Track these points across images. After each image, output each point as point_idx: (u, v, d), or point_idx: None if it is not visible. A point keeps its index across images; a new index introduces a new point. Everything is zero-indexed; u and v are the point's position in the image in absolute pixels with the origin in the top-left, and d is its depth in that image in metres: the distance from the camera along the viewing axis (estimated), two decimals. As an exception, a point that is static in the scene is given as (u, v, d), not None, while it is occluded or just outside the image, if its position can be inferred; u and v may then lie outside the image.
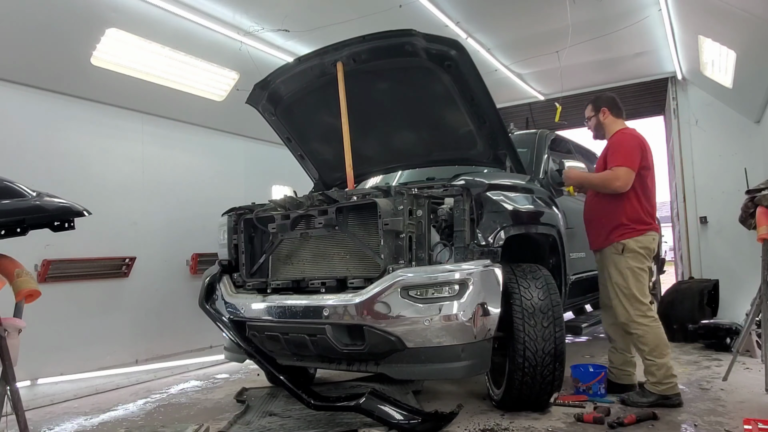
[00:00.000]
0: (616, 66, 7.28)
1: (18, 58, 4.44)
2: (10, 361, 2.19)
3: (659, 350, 3.30)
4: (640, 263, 3.40)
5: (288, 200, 3.38)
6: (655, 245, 3.48)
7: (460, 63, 3.38)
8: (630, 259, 3.39)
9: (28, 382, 4.46)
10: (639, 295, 3.36)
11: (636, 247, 3.39)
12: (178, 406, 3.91)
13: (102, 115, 5.26)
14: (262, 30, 5.40)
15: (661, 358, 3.29)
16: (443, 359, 2.78)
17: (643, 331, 3.33)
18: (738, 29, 4.85)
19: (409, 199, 2.92)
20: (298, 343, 3.12)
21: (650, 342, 3.31)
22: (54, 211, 2.37)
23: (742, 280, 5.86)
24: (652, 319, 3.35)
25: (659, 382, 3.28)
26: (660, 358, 3.29)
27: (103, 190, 5.16)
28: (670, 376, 3.28)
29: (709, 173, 7.08)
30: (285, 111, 4.23)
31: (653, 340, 3.31)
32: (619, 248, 3.41)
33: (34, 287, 2.34)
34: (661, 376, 3.27)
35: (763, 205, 3.74)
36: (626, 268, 3.39)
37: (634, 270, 3.38)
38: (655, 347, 3.30)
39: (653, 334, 3.33)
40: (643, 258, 3.41)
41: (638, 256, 3.39)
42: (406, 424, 2.91)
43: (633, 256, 3.39)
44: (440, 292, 2.76)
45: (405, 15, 4.99)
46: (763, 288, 3.76)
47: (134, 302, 5.44)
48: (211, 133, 6.42)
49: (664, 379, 3.27)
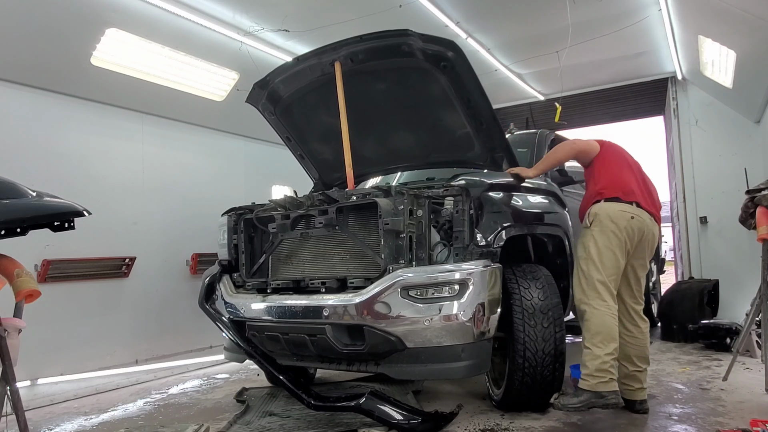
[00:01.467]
0: (616, 66, 7.28)
1: (18, 58, 4.45)
2: (10, 361, 2.19)
3: (600, 338, 2.95)
4: (606, 239, 3.06)
5: (288, 200, 3.38)
6: (630, 225, 3.08)
7: (457, 64, 3.38)
8: (595, 232, 3.09)
9: (28, 382, 4.46)
10: (596, 281, 3.04)
11: (602, 217, 3.08)
12: (178, 406, 3.91)
13: (102, 115, 5.27)
14: (262, 30, 5.40)
15: (599, 347, 2.94)
16: (443, 359, 2.78)
17: (590, 313, 3.02)
18: (738, 29, 4.85)
19: (410, 199, 2.92)
20: (298, 343, 3.12)
21: (593, 327, 2.99)
22: (54, 211, 2.37)
23: (742, 280, 5.86)
24: (604, 304, 3.02)
25: (591, 374, 2.93)
26: (597, 347, 2.94)
27: (103, 190, 5.16)
28: (605, 371, 2.91)
29: (709, 173, 7.08)
30: (284, 110, 4.24)
31: (597, 325, 2.98)
32: (587, 220, 3.17)
33: (34, 287, 2.34)
34: (594, 368, 2.92)
35: (763, 205, 3.74)
36: (589, 240, 3.11)
37: (598, 245, 3.06)
38: (596, 334, 2.97)
39: (600, 319, 2.99)
40: (611, 234, 3.06)
41: (605, 229, 3.06)
42: (406, 424, 2.91)
43: (599, 230, 3.07)
44: (440, 292, 2.76)
45: (405, 15, 4.99)
46: (763, 288, 3.76)
47: (134, 302, 5.44)
48: (211, 133, 6.42)
49: (596, 372, 2.91)
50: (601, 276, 3.05)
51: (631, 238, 3.11)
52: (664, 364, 4.57)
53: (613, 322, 3.01)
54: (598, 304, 3.02)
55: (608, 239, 3.07)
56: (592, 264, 3.08)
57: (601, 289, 3.04)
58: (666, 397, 3.55)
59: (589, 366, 2.94)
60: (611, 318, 3.00)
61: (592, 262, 3.08)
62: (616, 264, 3.09)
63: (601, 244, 3.07)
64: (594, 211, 3.15)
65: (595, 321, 2.99)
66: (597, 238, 3.09)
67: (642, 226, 3.14)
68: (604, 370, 2.91)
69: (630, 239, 3.11)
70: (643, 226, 3.14)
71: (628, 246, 3.12)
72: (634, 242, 3.14)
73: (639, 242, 3.16)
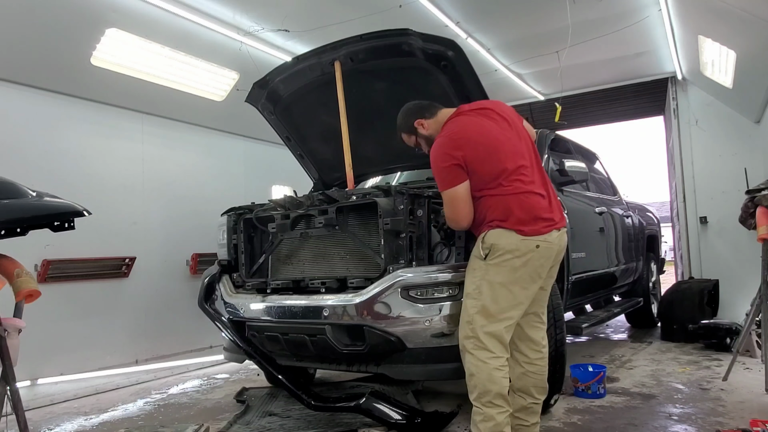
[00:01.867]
0: (616, 66, 7.27)
1: (18, 58, 4.45)
2: (10, 361, 2.19)
3: (490, 398, 2.38)
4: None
5: (288, 200, 3.38)
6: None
7: (457, 63, 3.38)
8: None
9: (28, 382, 4.47)
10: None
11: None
12: (178, 406, 3.91)
13: (102, 115, 5.27)
14: (262, 30, 5.40)
15: (489, 408, 2.39)
16: (443, 359, 2.77)
17: (471, 364, 2.45)
18: (738, 29, 4.85)
19: (410, 199, 2.92)
20: (297, 343, 3.11)
21: (479, 384, 2.40)
22: (54, 211, 2.37)
23: (742, 280, 5.86)
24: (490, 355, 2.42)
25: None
26: (488, 407, 2.39)
27: (103, 190, 5.17)
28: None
29: (709, 173, 7.08)
30: (284, 110, 4.23)
31: (484, 383, 2.40)
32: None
33: (34, 287, 2.34)
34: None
35: (763, 205, 3.74)
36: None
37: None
38: (485, 393, 2.39)
39: (485, 372, 2.40)
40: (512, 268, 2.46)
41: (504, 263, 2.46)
42: (406, 424, 2.91)
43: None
44: (440, 292, 2.75)
45: (405, 15, 4.98)
46: (763, 288, 3.76)
47: (134, 302, 5.44)
48: (211, 133, 6.42)
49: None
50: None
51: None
52: (664, 364, 4.57)
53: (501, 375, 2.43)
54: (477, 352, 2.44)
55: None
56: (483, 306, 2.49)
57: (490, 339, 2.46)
58: (666, 397, 3.55)
59: (482, 429, 2.39)
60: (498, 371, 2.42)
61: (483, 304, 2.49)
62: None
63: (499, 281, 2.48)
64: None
65: (480, 377, 2.41)
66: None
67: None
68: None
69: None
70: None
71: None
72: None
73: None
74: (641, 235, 6.01)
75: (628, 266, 5.42)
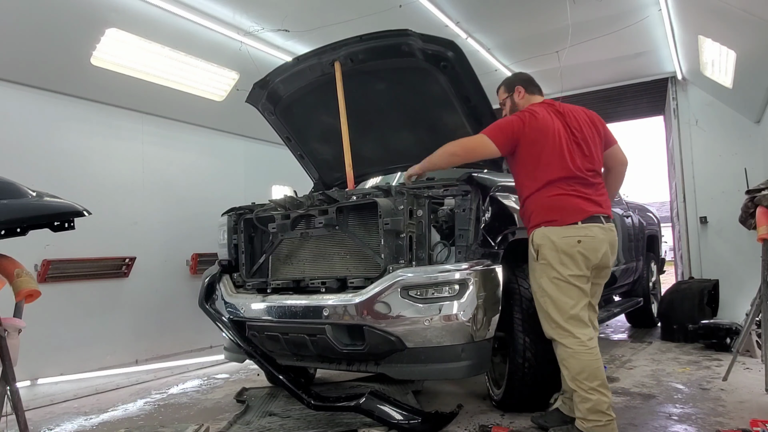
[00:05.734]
0: (616, 66, 7.28)
1: (18, 58, 4.45)
2: (10, 361, 2.19)
3: (584, 376, 2.56)
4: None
5: (288, 200, 3.38)
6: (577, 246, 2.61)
7: (456, 64, 3.38)
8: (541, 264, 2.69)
9: (28, 382, 4.47)
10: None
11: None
12: (178, 406, 3.91)
13: (102, 115, 5.27)
14: (262, 30, 5.40)
15: (584, 388, 2.57)
16: (443, 359, 2.77)
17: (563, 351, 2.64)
18: (738, 29, 4.85)
19: (410, 199, 2.92)
20: (298, 343, 3.12)
21: (573, 366, 2.60)
22: (54, 211, 2.37)
23: (742, 280, 5.87)
24: (578, 342, 2.60)
25: (585, 418, 2.57)
26: (582, 388, 2.57)
27: (103, 190, 5.17)
28: (600, 413, 2.54)
29: (709, 173, 7.08)
30: (284, 110, 4.24)
31: (576, 364, 2.59)
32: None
33: (34, 287, 2.34)
34: (586, 410, 2.56)
35: (763, 205, 3.74)
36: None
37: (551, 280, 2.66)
38: (579, 372, 2.57)
39: (576, 358, 2.59)
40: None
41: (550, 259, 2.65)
42: (406, 424, 2.91)
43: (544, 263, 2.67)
44: (440, 292, 2.75)
45: (405, 15, 4.99)
46: (763, 288, 3.75)
47: (134, 302, 5.44)
48: (211, 133, 6.43)
49: (591, 416, 2.55)
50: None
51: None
52: (664, 364, 4.57)
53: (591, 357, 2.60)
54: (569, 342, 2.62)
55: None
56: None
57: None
58: (666, 397, 3.55)
59: (581, 408, 2.57)
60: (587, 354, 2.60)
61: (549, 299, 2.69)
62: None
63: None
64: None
65: (572, 362, 2.60)
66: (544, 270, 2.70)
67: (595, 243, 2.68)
68: (600, 411, 2.53)
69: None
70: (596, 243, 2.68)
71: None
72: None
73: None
74: (641, 235, 6.01)
75: (628, 266, 5.42)
